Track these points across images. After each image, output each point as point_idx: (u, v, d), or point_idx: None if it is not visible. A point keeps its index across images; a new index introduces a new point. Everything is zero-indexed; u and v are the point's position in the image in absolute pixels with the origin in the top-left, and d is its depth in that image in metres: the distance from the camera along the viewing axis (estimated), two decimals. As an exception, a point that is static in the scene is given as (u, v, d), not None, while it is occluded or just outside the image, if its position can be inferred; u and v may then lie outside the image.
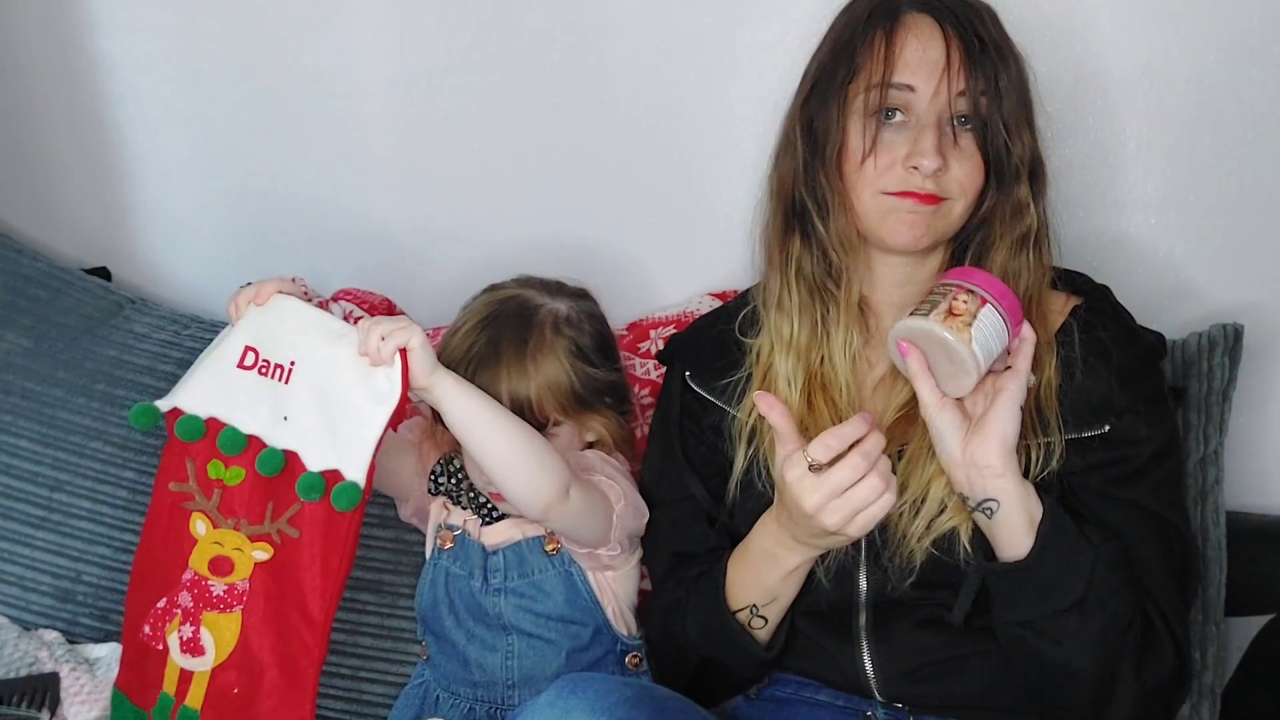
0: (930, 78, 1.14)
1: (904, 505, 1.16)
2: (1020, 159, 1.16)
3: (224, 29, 1.72)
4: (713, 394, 1.30)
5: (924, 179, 1.14)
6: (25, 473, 1.59)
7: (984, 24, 1.16)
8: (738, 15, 1.56)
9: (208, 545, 1.20)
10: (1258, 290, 1.47)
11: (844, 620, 1.22)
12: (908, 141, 1.15)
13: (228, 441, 1.20)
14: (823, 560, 1.19)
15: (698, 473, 1.31)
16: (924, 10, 1.16)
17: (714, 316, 1.40)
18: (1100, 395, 1.16)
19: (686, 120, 1.61)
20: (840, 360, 1.22)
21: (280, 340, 1.20)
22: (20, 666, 1.47)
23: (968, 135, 1.15)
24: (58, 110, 1.79)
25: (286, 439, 1.18)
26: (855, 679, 1.22)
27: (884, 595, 1.19)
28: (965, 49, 1.14)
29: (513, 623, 1.30)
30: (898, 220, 1.17)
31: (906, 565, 1.16)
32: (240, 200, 1.78)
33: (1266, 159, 1.44)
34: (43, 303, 1.70)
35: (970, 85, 1.14)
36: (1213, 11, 1.41)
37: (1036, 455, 1.14)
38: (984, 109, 1.14)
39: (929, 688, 1.20)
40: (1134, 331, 1.23)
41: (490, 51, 1.64)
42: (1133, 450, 1.16)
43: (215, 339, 1.25)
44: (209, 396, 1.22)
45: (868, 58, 1.16)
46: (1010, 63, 1.16)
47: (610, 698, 0.99)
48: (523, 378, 1.27)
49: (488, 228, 1.70)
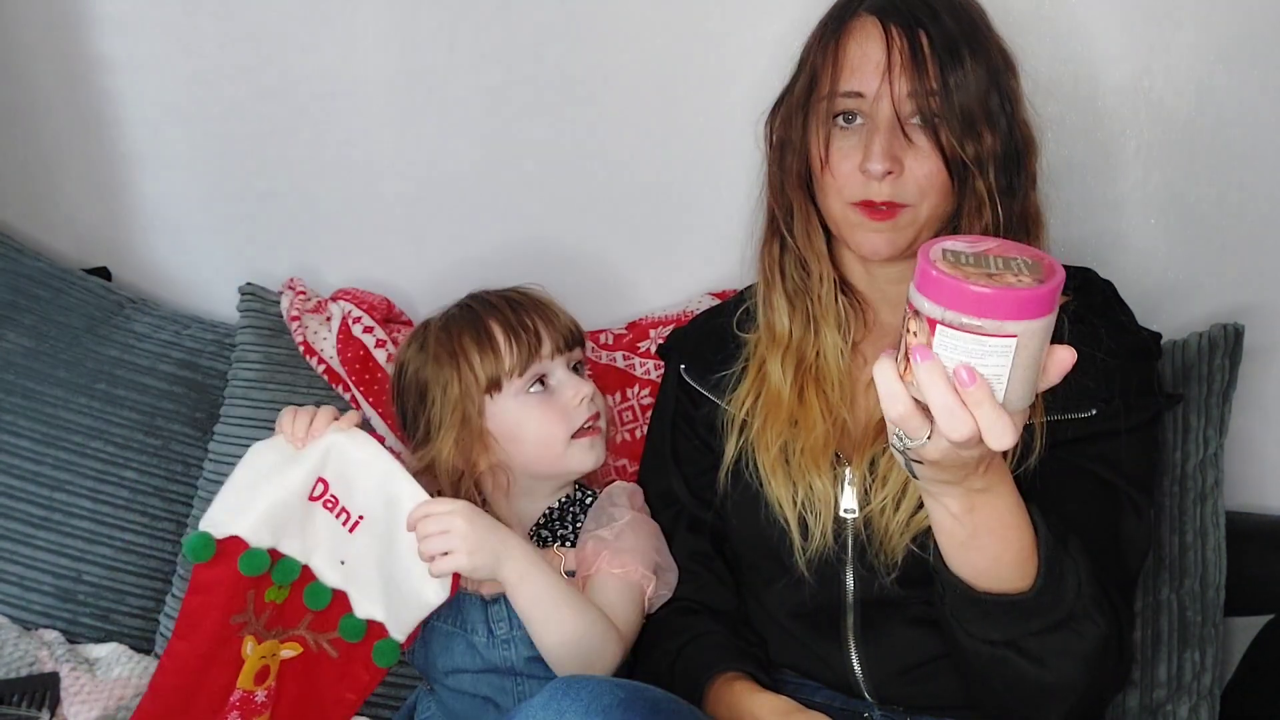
0: (876, 80, 1.13)
1: (885, 500, 1.16)
2: (977, 156, 1.13)
3: (224, 29, 1.71)
4: (705, 387, 1.30)
5: (879, 185, 1.14)
6: (26, 472, 1.60)
7: (936, 19, 1.13)
8: (737, 15, 1.56)
9: (254, 661, 1.20)
10: (1258, 291, 1.47)
11: (832, 621, 1.22)
12: (861, 147, 1.14)
13: (284, 571, 1.19)
14: (805, 554, 1.19)
15: (682, 472, 1.32)
16: (872, 12, 1.15)
17: (712, 312, 1.41)
18: (1089, 382, 1.14)
19: (686, 120, 1.61)
20: (831, 357, 1.23)
21: (355, 485, 1.19)
22: (20, 666, 1.47)
23: (924, 134, 1.14)
24: (58, 110, 1.79)
25: (338, 580, 1.20)
26: (845, 680, 1.22)
27: (872, 594, 1.19)
28: (911, 48, 1.12)
29: (524, 671, 1.25)
30: (863, 234, 1.18)
31: (890, 561, 1.16)
32: (240, 200, 1.78)
33: (1266, 160, 1.44)
34: (43, 302, 1.70)
35: (917, 85, 1.12)
36: (1213, 12, 1.41)
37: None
38: (934, 107, 1.12)
39: (920, 688, 1.20)
40: (1125, 325, 1.22)
41: (490, 52, 1.64)
42: (1112, 434, 1.14)
43: (257, 453, 1.20)
44: (273, 527, 1.18)
45: (821, 69, 1.17)
46: (966, 58, 1.13)
47: (604, 699, 0.98)
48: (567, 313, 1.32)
49: (488, 227, 1.70)
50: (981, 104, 1.13)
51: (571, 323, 1.33)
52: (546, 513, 1.32)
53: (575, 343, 1.32)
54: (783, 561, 1.22)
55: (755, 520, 1.23)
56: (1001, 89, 1.16)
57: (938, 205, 1.16)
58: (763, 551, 1.24)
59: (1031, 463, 1.11)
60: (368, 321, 1.62)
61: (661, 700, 1.03)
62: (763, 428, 1.23)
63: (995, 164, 1.14)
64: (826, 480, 1.19)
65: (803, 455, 1.20)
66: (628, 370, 1.55)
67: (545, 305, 1.33)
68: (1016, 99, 1.17)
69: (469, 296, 1.36)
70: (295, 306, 1.64)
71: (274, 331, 1.64)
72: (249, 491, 1.18)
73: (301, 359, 1.61)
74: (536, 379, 1.29)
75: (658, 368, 1.52)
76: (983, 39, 1.16)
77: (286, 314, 1.64)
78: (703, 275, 1.63)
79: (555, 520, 1.32)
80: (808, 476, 1.20)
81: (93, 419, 1.62)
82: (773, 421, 1.23)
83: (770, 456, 1.22)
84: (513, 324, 1.29)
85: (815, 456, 1.20)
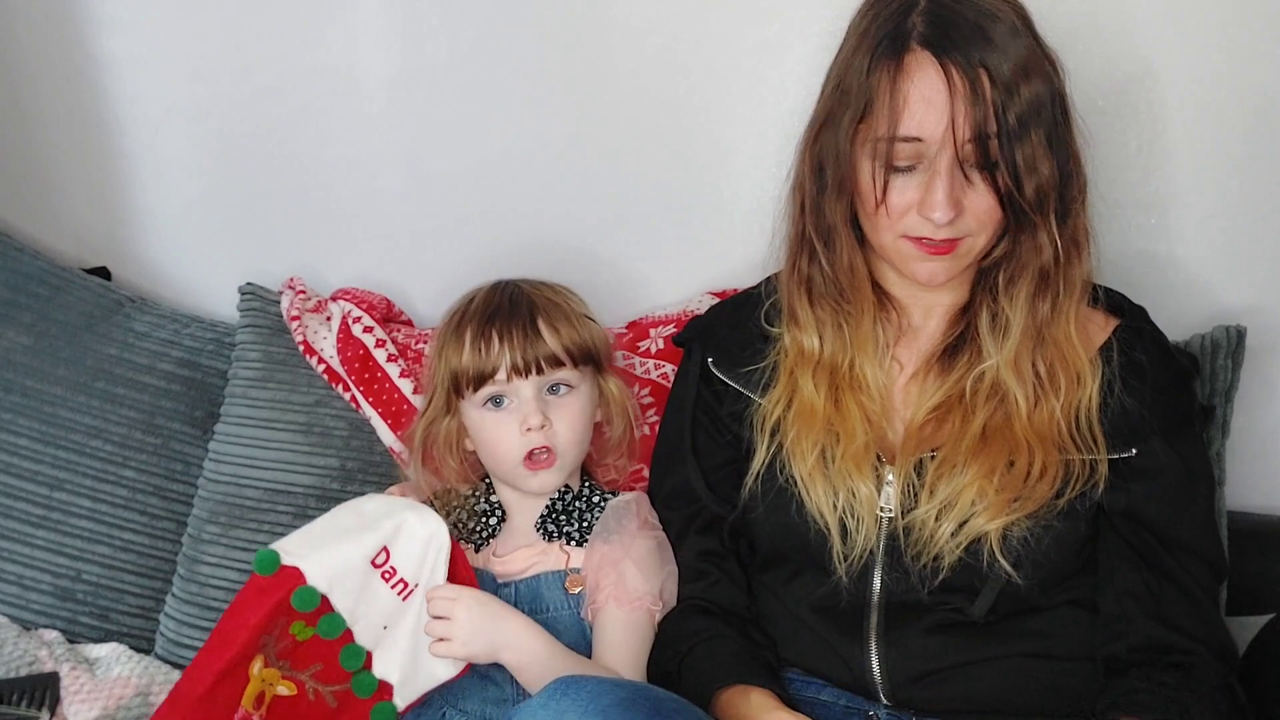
0: (938, 126, 1.10)
1: (933, 509, 1.15)
2: (1035, 193, 1.12)
3: (225, 27, 1.71)
4: (737, 381, 1.29)
5: (938, 227, 1.13)
6: (25, 471, 1.60)
7: (994, 50, 1.09)
8: (739, 15, 1.55)
9: (256, 682, 1.22)
10: (1260, 291, 1.47)
11: (855, 619, 1.21)
12: (920, 188, 1.12)
13: (328, 626, 1.22)
14: (845, 559, 1.19)
15: (701, 465, 1.30)
16: (926, 46, 1.10)
17: (736, 304, 1.38)
18: (1134, 416, 1.17)
19: (688, 119, 1.61)
20: (869, 365, 1.22)
21: (413, 557, 1.23)
22: (20, 666, 1.47)
23: (982, 173, 1.12)
24: (58, 109, 1.79)
25: (372, 641, 1.23)
26: (862, 680, 1.21)
27: (898, 597, 1.18)
28: (981, 90, 1.09)
29: None
30: (919, 264, 1.17)
31: (933, 568, 1.16)
32: (240, 200, 1.77)
33: (1267, 159, 1.44)
34: (43, 300, 1.70)
35: (980, 129, 1.09)
36: (1213, 11, 1.41)
37: (1079, 471, 1.15)
38: (993, 153, 1.10)
39: (937, 692, 1.19)
40: (1169, 354, 1.23)
41: (491, 50, 1.64)
42: (1161, 478, 1.17)
43: (343, 509, 1.27)
44: (333, 577, 1.22)
45: (874, 104, 1.12)
46: (1021, 87, 1.09)
47: (604, 699, 0.98)
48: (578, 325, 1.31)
49: (488, 226, 1.70)
50: (1040, 136, 1.11)
51: (567, 342, 1.30)
52: (550, 503, 1.33)
53: (556, 365, 1.29)
54: (814, 556, 1.20)
55: (788, 519, 1.21)
56: (1055, 105, 1.13)
57: (993, 235, 1.17)
58: (794, 547, 1.23)
59: (1091, 487, 1.15)
60: (368, 321, 1.62)
61: (664, 700, 1.03)
62: (798, 438, 1.22)
63: (1053, 194, 1.13)
64: (870, 484, 1.18)
65: (844, 460, 1.19)
66: (628, 370, 1.55)
67: (535, 318, 1.30)
68: (1067, 111, 1.15)
69: (494, 283, 1.37)
70: (295, 306, 1.64)
71: (274, 331, 1.64)
72: (323, 537, 1.24)
73: (301, 358, 1.61)
74: (491, 397, 1.30)
75: (658, 367, 1.52)
76: (1035, 55, 1.12)
77: (287, 313, 1.64)
78: (703, 275, 1.63)
79: (560, 514, 1.32)
80: (849, 481, 1.19)
81: (92, 418, 1.62)
82: (807, 431, 1.22)
83: (808, 464, 1.20)
84: (478, 334, 1.29)
85: (858, 462, 1.19)
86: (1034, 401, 1.17)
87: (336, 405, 1.59)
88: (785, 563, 1.26)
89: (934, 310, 1.25)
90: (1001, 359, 1.18)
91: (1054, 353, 1.18)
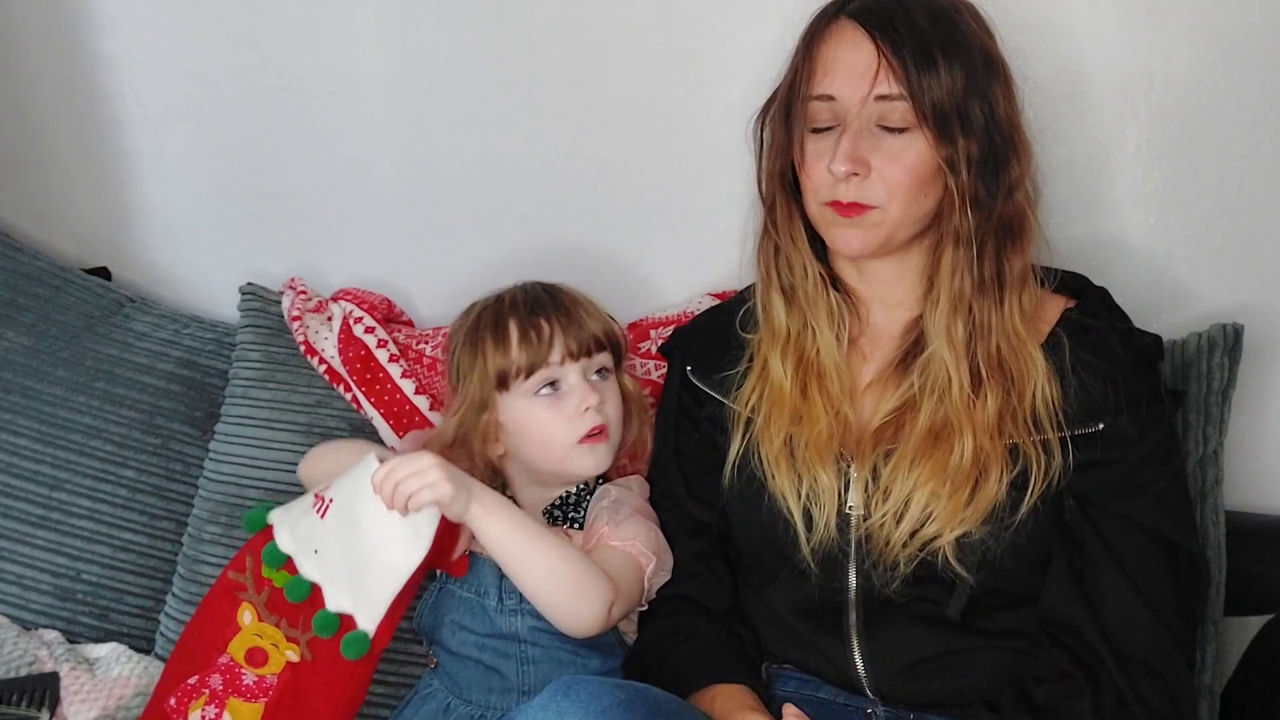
0: (847, 84, 1.15)
1: (886, 513, 1.17)
2: (950, 160, 1.14)
3: (224, 28, 1.72)
4: (711, 386, 1.31)
5: (845, 186, 1.15)
6: (25, 471, 1.60)
7: (911, 22, 1.14)
8: (737, 15, 1.56)
9: (249, 635, 1.23)
10: (1257, 291, 1.47)
11: (835, 617, 1.22)
12: (833, 148, 1.16)
13: (270, 556, 1.24)
14: (809, 544, 1.20)
15: (683, 470, 1.33)
16: (851, 16, 1.16)
17: (715, 311, 1.42)
18: (1097, 393, 1.16)
19: (686, 120, 1.61)
20: (826, 353, 1.24)
21: (335, 478, 1.24)
22: (20, 666, 1.47)
23: (895, 137, 1.15)
24: (58, 110, 1.79)
25: (312, 571, 1.22)
26: (848, 676, 1.22)
27: (874, 593, 1.19)
28: (890, 50, 1.13)
29: (528, 639, 1.29)
30: (837, 230, 1.19)
31: (891, 570, 1.17)
32: (240, 200, 1.78)
33: (1266, 159, 1.43)
34: (43, 301, 1.70)
35: (886, 89, 1.13)
36: (1212, 12, 1.41)
37: (1036, 454, 1.15)
38: (902, 111, 1.13)
39: (923, 685, 1.20)
40: (1130, 332, 1.22)
41: (490, 51, 1.65)
42: (1128, 452, 1.16)
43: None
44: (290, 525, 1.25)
45: (800, 69, 1.18)
46: (939, 61, 1.13)
47: (604, 700, 0.99)
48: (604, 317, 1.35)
49: (487, 228, 1.70)
50: (956, 108, 1.13)
51: (603, 329, 1.34)
52: (562, 496, 1.34)
53: (600, 349, 1.33)
54: (786, 555, 1.22)
55: (759, 514, 1.23)
56: (981, 92, 1.15)
57: (910, 206, 1.17)
58: (766, 546, 1.25)
59: (1055, 476, 1.14)
60: (369, 321, 1.62)
61: (662, 701, 1.03)
62: (766, 423, 1.24)
63: (971, 169, 1.15)
64: (831, 474, 1.20)
65: (807, 449, 1.21)
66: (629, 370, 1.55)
67: (573, 308, 1.34)
68: (996, 102, 1.17)
69: (515, 285, 1.38)
70: (297, 306, 1.64)
71: (274, 331, 1.64)
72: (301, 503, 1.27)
73: (302, 359, 1.61)
74: (546, 383, 1.31)
75: (659, 367, 1.52)
76: (962, 41, 1.16)
77: (288, 313, 1.64)
78: (702, 275, 1.63)
79: (569, 504, 1.34)
80: (812, 470, 1.21)
81: (92, 418, 1.62)
82: (776, 416, 1.24)
83: (774, 449, 1.23)
84: (526, 325, 1.31)
85: (820, 450, 1.21)
86: (976, 389, 1.17)
87: (337, 406, 1.59)
88: (761, 565, 1.28)
89: (895, 314, 1.26)
90: (936, 335, 1.18)
91: (999, 341, 1.17)
